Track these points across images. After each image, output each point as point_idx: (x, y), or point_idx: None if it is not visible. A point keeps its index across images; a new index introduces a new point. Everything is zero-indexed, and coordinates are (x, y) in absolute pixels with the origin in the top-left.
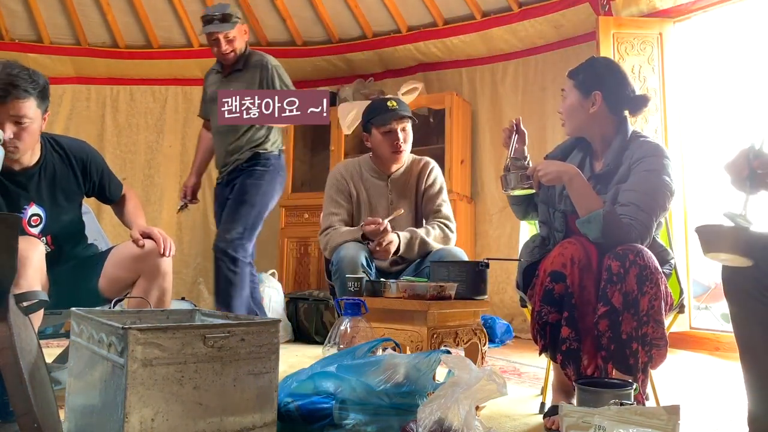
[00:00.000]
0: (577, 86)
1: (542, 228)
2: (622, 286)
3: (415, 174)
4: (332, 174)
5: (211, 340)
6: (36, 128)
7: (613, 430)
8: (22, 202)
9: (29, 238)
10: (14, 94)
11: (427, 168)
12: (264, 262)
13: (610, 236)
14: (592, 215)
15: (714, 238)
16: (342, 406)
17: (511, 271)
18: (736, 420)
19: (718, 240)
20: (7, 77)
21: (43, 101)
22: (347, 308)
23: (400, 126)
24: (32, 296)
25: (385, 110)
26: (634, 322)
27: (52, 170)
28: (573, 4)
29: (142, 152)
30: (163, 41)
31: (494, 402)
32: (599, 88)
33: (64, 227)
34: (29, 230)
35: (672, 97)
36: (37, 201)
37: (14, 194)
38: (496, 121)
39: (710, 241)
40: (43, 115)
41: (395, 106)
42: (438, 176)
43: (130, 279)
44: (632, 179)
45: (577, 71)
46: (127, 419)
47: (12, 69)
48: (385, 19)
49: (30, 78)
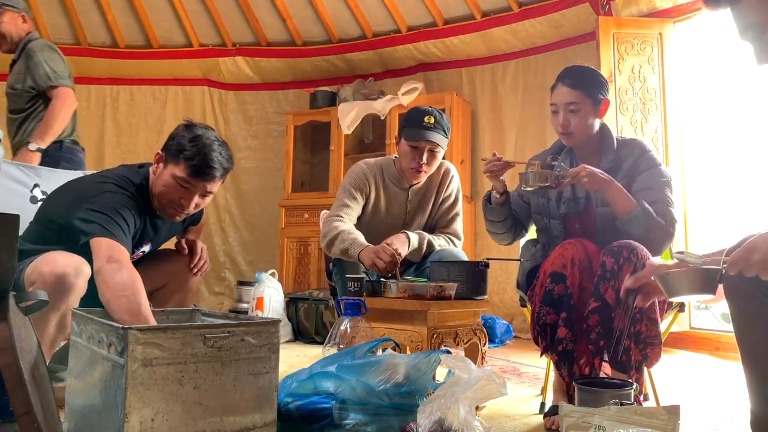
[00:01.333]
0: (589, 95)
1: (541, 236)
2: (615, 282)
3: (435, 183)
4: (356, 169)
5: (211, 340)
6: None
7: (613, 430)
8: (144, 240)
9: (76, 257)
10: (222, 176)
11: (447, 177)
12: (264, 262)
13: (652, 232)
14: (632, 215)
15: (673, 284)
16: (342, 406)
17: (511, 271)
18: (736, 420)
19: (677, 285)
20: (223, 161)
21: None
22: (347, 308)
23: (428, 146)
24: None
25: (420, 125)
26: (624, 319)
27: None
28: (573, 4)
29: (142, 152)
30: (163, 41)
31: (494, 402)
32: (606, 94)
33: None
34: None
35: (672, 98)
36: (153, 242)
37: (147, 233)
38: (496, 121)
39: (670, 287)
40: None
41: (431, 124)
42: (455, 187)
43: (156, 285)
44: (645, 178)
45: (583, 82)
46: (127, 419)
47: (225, 150)
48: (385, 19)
49: (231, 159)
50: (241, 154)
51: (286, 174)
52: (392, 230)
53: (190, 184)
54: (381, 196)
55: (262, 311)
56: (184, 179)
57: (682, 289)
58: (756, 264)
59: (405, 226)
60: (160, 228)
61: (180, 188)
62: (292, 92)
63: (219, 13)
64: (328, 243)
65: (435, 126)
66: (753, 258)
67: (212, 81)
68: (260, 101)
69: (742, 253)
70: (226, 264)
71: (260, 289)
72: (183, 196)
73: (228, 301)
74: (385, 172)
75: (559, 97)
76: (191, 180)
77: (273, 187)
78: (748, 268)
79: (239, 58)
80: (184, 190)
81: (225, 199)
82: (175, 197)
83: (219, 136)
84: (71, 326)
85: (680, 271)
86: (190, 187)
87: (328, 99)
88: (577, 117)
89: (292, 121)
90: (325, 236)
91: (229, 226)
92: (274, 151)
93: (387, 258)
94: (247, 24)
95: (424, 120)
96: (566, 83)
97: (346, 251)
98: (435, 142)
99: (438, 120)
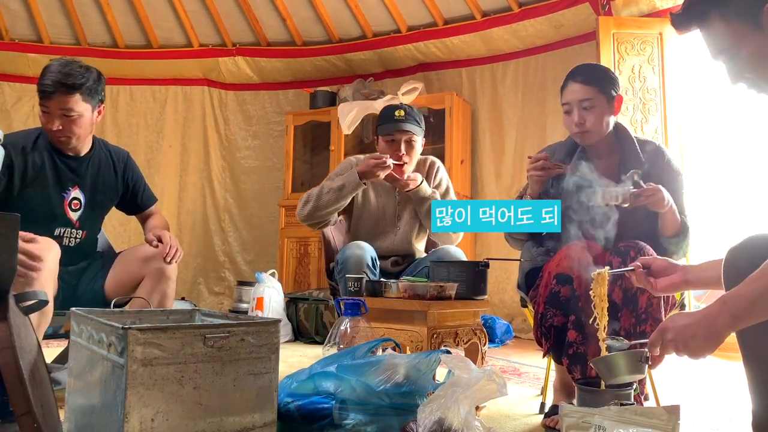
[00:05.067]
0: (603, 92)
1: (549, 241)
2: (622, 282)
3: (422, 175)
4: (344, 162)
5: (211, 340)
6: (85, 121)
7: (613, 430)
8: (68, 183)
9: (47, 239)
10: (62, 90)
11: (433, 169)
12: (264, 262)
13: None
14: (680, 233)
15: (608, 370)
16: (342, 406)
17: (511, 271)
18: (736, 420)
19: (611, 370)
20: (57, 75)
21: (92, 96)
22: (347, 308)
23: (404, 137)
24: (32, 296)
25: (391, 119)
26: (632, 319)
27: (97, 164)
28: (573, 4)
29: (142, 152)
30: (163, 41)
31: (494, 402)
32: (618, 90)
33: (94, 227)
34: (69, 213)
35: (672, 97)
36: (81, 186)
37: (63, 173)
38: (496, 121)
39: (605, 372)
40: (94, 109)
41: (401, 116)
42: (444, 176)
43: (135, 281)
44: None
45: (595, 78)
46: (127, 419)
47: (64, 67)
48: (385, 19)
49: (80, 75)
50: (241, 154)
51: (286, 174)
52: (383, 224)
53: (44, 107)
54: (370, 189)
55: (262, 311)
56: (40, 106)
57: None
58: (669, 343)
59: (397, 219)
60: (82, 174)
61: (44, 115)
62: (292, 92)
63: (219, 13)
64: (315, 204)
65: (406, 118)
66: (667, 337)
67: (212, 81)
68: (260, 101)
69: (657, 335)
70: (226, 264)
71: (260, 289)
72: (48, 121)
73: (228, 301)
74: None
75: (571, 95)
76: (42, 103)
77: (273, 187)
78: (664, 348)
79: (239, 58)
80: (46, 115)
81: (225, 199)
82: (45, 124)
83: (74, 60)
84: (71, 326)
85: (610, 356)
86: (46, 110)
87: (328, 99)
88: (593, 114)
89: (292, 121)
90: (307, 202)
91: (228, 226)
92: (274, 151)
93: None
94: (247, 24)
95: (395, 114)
96: (578, 80)
97: (342, 187)
98: (409, 131)
99: (408, 112)
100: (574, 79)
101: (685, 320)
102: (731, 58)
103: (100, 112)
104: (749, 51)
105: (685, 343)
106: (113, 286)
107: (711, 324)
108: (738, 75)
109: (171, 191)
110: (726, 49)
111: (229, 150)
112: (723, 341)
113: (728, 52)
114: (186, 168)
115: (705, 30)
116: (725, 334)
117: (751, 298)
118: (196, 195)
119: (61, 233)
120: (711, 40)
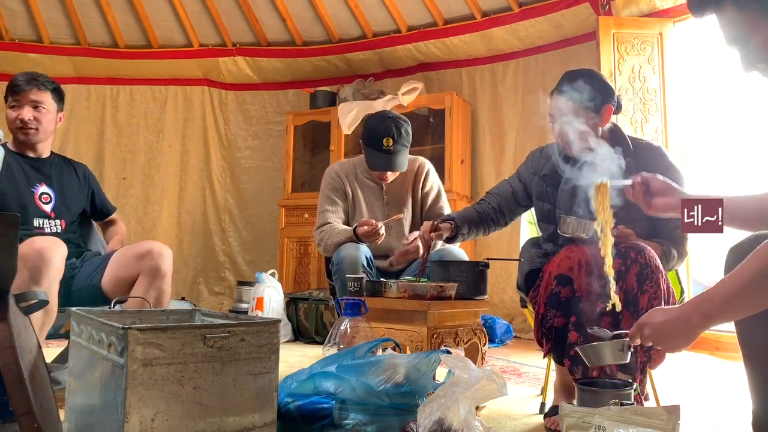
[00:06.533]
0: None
1: (546, 244)
2: (623, 283)
3: (410, 178)
4: (327, 173)
5: (211, 340)
6: (51, 119)
7: (613, 430)
8: (35, 179)
9: (53, 237)
10: (34, 84)
11: (422, 171)
12: (264, 262)
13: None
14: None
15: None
16: (342, 406)
17: (511, 271)
18: (736, 420)
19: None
20: (29, 75)
21: (58, 101)
22: (347, 308)
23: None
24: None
25: (379, 149)
26: (633, 320)
27: (59, 166)
28: (573, 4)
29: (142, 152)
30: (163, 41)
31: (494, 402)
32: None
33: (70, 216)
34: (41, 206)
35: (672, 97)
36: (48, 183)
37: (29, 171)
38: (496, 121)
39: (591, 358)
40: (57, 113)
41: (390, 146)
42: (434, 179)
43: (131, 278)
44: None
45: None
46: (127, 419)
47: (34, 73)
48: (385, 19)
49: (50, 80)
50: (241, 154)
51: (286, 174)
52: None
53: (14, 101)
54: (358, 189)
55: (262, 311)
56: (8, 104)
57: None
58: (647, 337)
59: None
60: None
61: (12, 109)
62: (292, 92)
63: (219, 13)
64: (326, 248)
65: (395, 149)
66: (644, 333)
67: (212, 81)
68: (260, 101)
69: (636, 329)
70: (226, 264)
71: (260, 289)
72: (17, 112)
73: (228, 301)
74: (357, 168)
75: (554, 108)
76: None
77: (273, 187)
78: (644, 339)
79: (239, 58)
80: (15, 108)
81: (225, 199)
82: (13, 117)
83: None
84: (71, 326)
85: (595, 345)
86: (16, 103)
87: (328, 99)
88: (572, 128)
89: (292, 121)
90: (320, 245)
91: (228, 226)
92: (274, 151)
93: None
94: (247, 24)
95: (383, 144)
96: (562, 92)
97: (341, 241)
98: (399, 169)
99: (397, 140)
100: (559, 90)
101: (662, 317)
102: (744, 47)
103: (60, 119)
104: (761, 40)
105: (660, 339)
106: (110, 284)
107: (684, 323)
108: (750, 64)
109: (171, 191)
110: (738, 36)
111: (229, 150)
112: (696, 339)
113: (741, 40)
114: (186, 168)
115: (719, 16)
116: (698, 333)
117: (723, 299)
118: (196, 195)
119: (41, 224)
120: (724, 27)
